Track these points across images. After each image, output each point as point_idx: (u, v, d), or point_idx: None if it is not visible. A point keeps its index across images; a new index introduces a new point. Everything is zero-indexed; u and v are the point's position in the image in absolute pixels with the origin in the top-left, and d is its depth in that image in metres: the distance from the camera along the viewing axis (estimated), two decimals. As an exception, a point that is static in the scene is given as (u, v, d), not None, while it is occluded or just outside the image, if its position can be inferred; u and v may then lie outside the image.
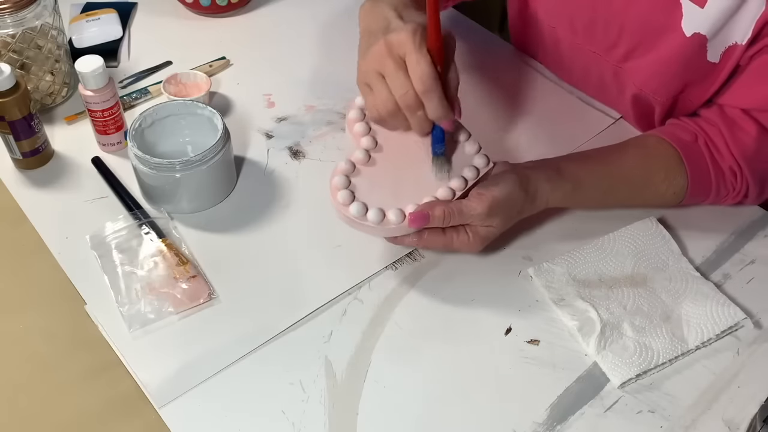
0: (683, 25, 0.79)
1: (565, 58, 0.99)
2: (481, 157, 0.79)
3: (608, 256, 0.81)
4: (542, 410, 0.70)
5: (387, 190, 0.75)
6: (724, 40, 0.79)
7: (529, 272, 0.80)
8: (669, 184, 0.82)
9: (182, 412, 0.69)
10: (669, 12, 0.80)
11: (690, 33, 0.79)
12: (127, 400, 0.70)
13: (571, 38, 0.94)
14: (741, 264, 0.83)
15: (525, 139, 0.95)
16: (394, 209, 0.73)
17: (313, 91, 1.02)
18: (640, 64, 0.87)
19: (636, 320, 0.75)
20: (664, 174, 0.82)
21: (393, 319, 0.77)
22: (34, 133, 0.87)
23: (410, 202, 0.74)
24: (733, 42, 0.78)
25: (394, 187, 0.76)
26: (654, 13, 0.82)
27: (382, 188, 0.76)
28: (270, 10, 1.16)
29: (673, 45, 0.81)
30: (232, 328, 0.75)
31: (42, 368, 0.73)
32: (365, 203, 0.73)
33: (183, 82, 0.97)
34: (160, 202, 0.85)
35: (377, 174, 0.77)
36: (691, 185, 0.82)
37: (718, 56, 0.80)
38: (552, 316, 0.77)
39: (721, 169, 0.81)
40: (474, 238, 0.75)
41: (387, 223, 0.73)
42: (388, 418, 0.69)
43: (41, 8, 0.90)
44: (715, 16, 0.77)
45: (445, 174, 0.77)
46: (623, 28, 0.86)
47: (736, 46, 0.78)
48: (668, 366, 0.73)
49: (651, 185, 0.82)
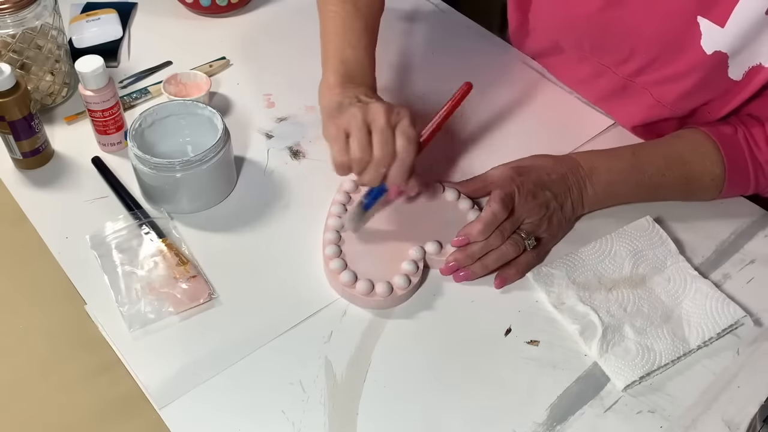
0: (703, 44, 0.78)
1: (569, 67, 0.97)
2: (475, 212, 0.82)
3: (606, 257, 0.81)
4: (542, 410, 0.70)
5: (381, 255, 0.79)
6: (748, 58, 0.78)
7: (528, 276, 0.80)
8: (709, 173, 0.82)
9: (182, 412, 0.69)
10: (686, 30, 0.79)
11: (711, 51, 0.78)
12: (127, 401, 0.70)
13: (577, 52, 0.93)
14: (741, 264, 0.83)
15: (525, 139, 0.95)
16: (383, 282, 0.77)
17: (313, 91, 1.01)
18: (656, 78, 0.86)
19: (637, 322, 0.75)
20: (707, 163, 0.82)
21: (393, 320, 0.77)
22: (34, 133, 0.87)
23: (407, 259, 0.78)
24: (758, 62, 0.77)
25: (387, 250, 0.80)
26: (669, 32, 0.81)
27: (373, 255, 0.79)
28: (270, 10, 1.16)
29: (692, 62, 0.80)
30: (232, 328, 0.75)
31: (42, 368, 0.73)
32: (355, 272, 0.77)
33: (183, 82, 0.97)
34: (160, 202, 0.85)
35: (367, 240, 0.81)
36: (728, 176, 0.82)
37: (740, 74, 0.79)
38: (551, 316, 0.77)
39: (759, 162, 0.81)
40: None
41: (375, 295, 0.76)
42: (388, 418, 0.69)
43: (41, 8, 0.90)
44: (737, 35, 0.76)
45: (357, 226, 0.80)
46: (637, 46, 0.85)
47: (761, 67, 0.77)
48: (671, 367, 0.73)
49: (696, 175, 0.82)
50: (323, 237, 0.81)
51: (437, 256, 0.79)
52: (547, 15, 0.94)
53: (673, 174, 0.83)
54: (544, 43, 0.98)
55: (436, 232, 0.81)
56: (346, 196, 0.84)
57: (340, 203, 0.83)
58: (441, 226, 0.81)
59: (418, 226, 0.82)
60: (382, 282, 0.76)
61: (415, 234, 0.81)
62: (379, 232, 0.82)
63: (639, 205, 0.87)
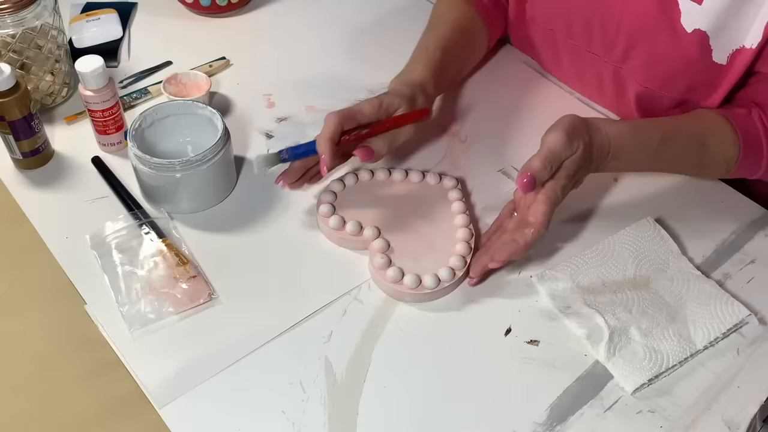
0: (683, 22, 0.80)
1: (563, 60, 0.98)
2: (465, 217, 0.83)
3: (609, 260, 0.81)
4: (542, 410, 0.70)
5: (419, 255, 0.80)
6: (730, 41, 0.79)
7: (533, 281, 0.79)
8: (721, 149, 0.82)
9: (182, 412, 0.69)
10: (665, 10, 0.81)
11: (690, 29, 0.80)
12: (127, 400, 0.70)
13: (569, 41, 0.94)
14: (741, 263, 0.83)
15: (524, 138, 0.95)
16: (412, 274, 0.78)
17: (313, 91, 1.02)
18: (640, 63, 0.87)
19: (643, 324, 0.75)
20: (716, 139, 0.82)
21: (393, 319, 0.77)
22: (34, 133, 0.87)
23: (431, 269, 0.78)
24: (741, 45, 0.79)
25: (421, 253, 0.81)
26: (650, 12, 0.82)
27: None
28: (270, 10, 1.16)
29: (674, 41, 0.81)
30: (232, 328, 0.75)
31: (42, 368, 0.73)
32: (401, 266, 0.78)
33: (183, 82, 0.97)
34: (160, 202, 0.85)
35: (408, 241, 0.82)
36: (743, 154, 0.82)
37: (725, 58, 0.80)
38: (552, 316, 0.77)
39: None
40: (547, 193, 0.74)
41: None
42: (388, 418, 0.69)
43: (41, 8, 0.90)
44: (715, 12, 0.77)
45: (263, 170, 0.81)
46: (620, 28, 0.86)
47: (744, 49, 0.78)
48: (678, 368, 0.73)
49: (706, 147, 0.82)
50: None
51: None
52: (541, 2, 0.95)
53: (693, 157, 0.84)
54: (540, 34, 0.99)
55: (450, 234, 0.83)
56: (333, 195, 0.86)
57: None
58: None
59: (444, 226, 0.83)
60: (429, 274, 0.77)
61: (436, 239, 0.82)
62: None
63: (639, 206, 0.87)
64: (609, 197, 0.89)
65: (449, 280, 0.78)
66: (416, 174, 0.87)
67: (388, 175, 0.88)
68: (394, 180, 0.87)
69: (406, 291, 0.77)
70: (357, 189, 0.86)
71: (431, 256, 0.80)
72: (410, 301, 0.78)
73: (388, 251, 0.80)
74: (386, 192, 0.86)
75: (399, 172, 0.88)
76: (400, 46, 0.93)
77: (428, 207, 0.85)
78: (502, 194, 0.88)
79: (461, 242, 0.80)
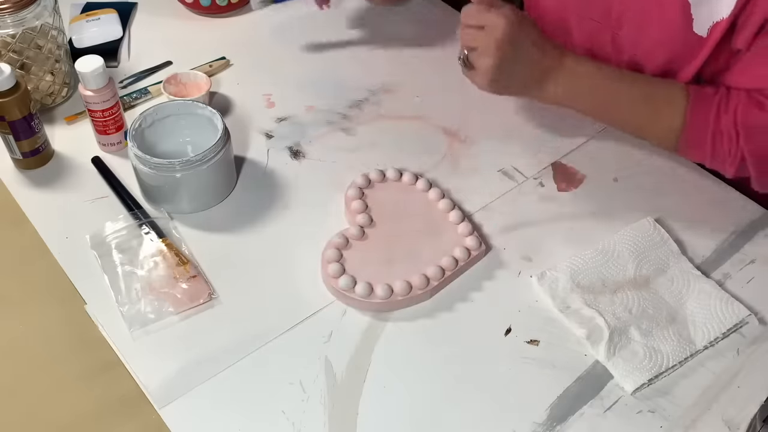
0: None
1: (573, 32, 0.98)
2: (473, 239, 0.81)
3: (609, 260, 0.81)
4: (542, 410, 0.70)
5: (377, 266, 0.79)
6: (710, 13, 0.79)
7: (533, 280, 0.80)
8: (668, 116, 0.82)
9: (182, 412, 0.69)
10: None
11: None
12: (127, 401, 0.70)
13: (577, 8, 0.94)
14: (741, 264, 0.83)
15: (524, 138, 0.95)
16: (383, 284, 0.76)
17: (313, 91, 1.02)
18: (631, 30, 0.87)
19: (643, 324, 0.75)
20: (668, 105, 0.82)
21: (393, 320, 0.77)
22: (34, 133, 0.87)
23: (399, 278, 0.77)
24: (721, 18, 0.78)
25: (385, 262, 0.79)
26: None
27: (372, 263, 0.79)
28: (270, 11, 1.16)
29: (657, 5, 0.82)
30: (232, 328, 0.75)
31: (42, 368, 0.73)
32: (354, 277, 0.77)
33: (183, 82, 0.97)
34: (160, 202, 0.85)
35: (369, 249, 0.80)
36: (688, 129, 0.81)
37: (705, 30, 0.80)
38: (551, 316, 0.77)
39: (720, 128, 0.80)
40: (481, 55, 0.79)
41: (374, 297, 0.76)
42: (388, 418, 0.69)
43: (41, 8, 0.90)
44: None
45: (261, 4, 0.80)
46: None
47: (723, 21, 0.78)
48: (678, 368, 0.73)
49: (656, 109, 0.82)
50: (327, 243, 0.81)
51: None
52: None
53: (638, 111, 0.84)
54: (553, 21, 0.98)
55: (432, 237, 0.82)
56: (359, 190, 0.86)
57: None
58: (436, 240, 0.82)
59: (416, 240, 0.82)
60: (382, 284, 0.76)
61: (413, 247, 0.81)
62: (379, 243, 0.82)
63: (640, 205, 0.87)
64: (609, 197, 0.89)
65: (438, 279, 0.78)
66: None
67: None
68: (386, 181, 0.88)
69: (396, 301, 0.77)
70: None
71: (417, 258, 0.80)
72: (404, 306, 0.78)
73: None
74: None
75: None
76: (400, 46, 0.93)
77: (415, 215, 0.84)
78: (502, 194, 0.88)
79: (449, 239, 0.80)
